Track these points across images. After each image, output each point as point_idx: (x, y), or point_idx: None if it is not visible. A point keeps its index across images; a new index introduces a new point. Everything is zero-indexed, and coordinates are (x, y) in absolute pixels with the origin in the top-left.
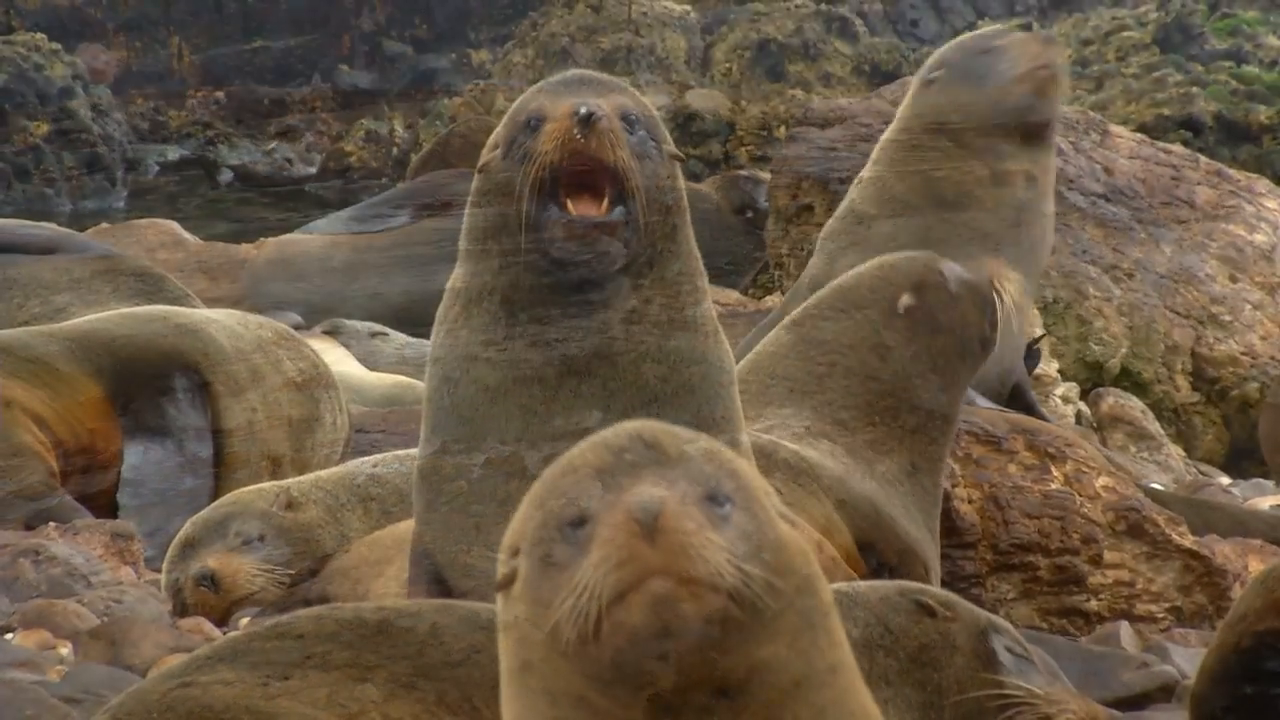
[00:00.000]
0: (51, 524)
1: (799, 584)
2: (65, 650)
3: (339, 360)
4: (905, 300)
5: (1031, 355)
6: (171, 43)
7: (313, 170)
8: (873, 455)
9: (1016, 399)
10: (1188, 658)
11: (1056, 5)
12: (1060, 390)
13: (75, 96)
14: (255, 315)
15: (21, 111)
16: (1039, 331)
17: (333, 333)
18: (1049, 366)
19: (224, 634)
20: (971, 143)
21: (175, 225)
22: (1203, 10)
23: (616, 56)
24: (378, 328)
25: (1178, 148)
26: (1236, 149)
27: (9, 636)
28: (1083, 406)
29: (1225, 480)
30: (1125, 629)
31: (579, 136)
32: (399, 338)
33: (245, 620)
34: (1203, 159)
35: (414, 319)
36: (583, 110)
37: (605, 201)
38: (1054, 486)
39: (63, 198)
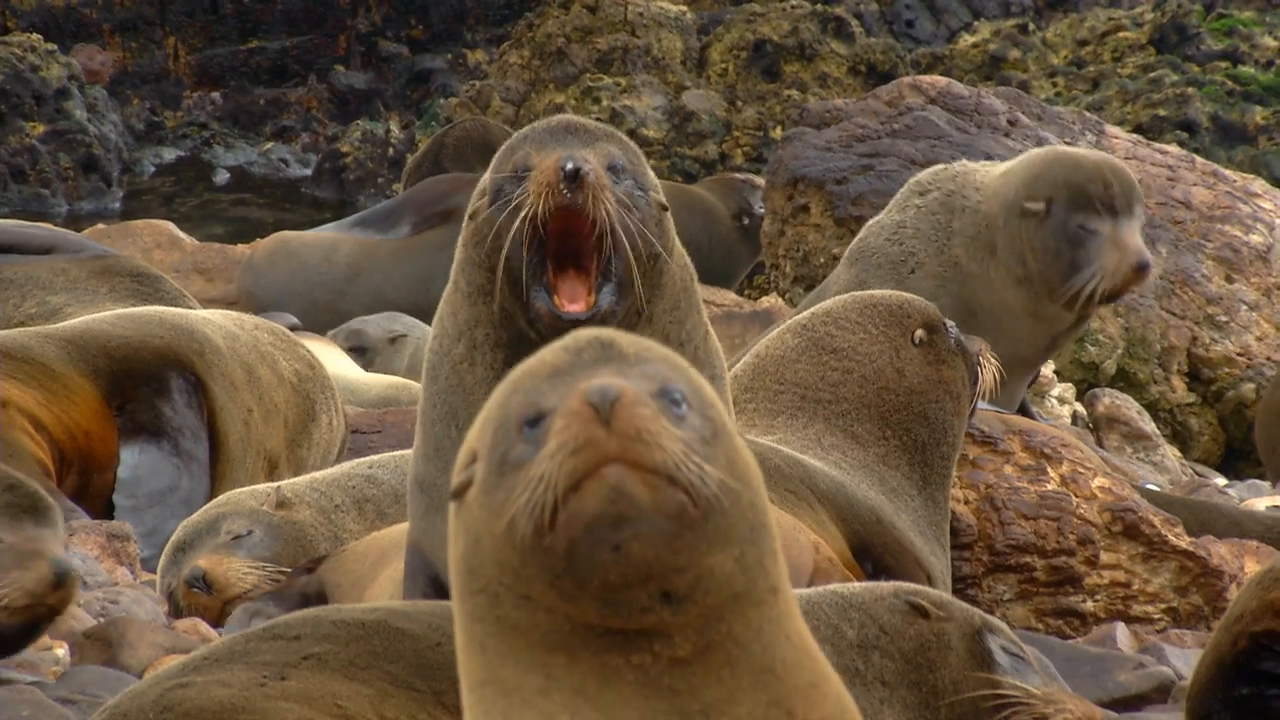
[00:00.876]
0: None
1: (750, 498)
2: (61, 651)
3: (334, 360)
4: (920, 334)
5: None
6: (167, 43)
7: (308, 171)
8: (884, 469)
9: None
10: (1184, 658)
11: (1052, 6)
12: (1056, 391)
13: (71, 97)
14: (251, 316)
15: (17, 112)
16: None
17: (359, 348)
18: (1045, 368)
19: (220, 634)
20: (1034, 284)
21: (171, 226)
22: (1198, 11)
23: (612, 57)
24: (398, 329)
25: (1174, 148)
26: (1232, 150)
27: None
28: (1079, 407)
29: (1221, 481)
30: (1121, 630)
31: (565, 192)
32: (417, 332)
33: (238, 609)
34: (1199, 160)
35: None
36: (569, 165)
37: (592, 286)
38: (1050, 487)
39: (59, 198)
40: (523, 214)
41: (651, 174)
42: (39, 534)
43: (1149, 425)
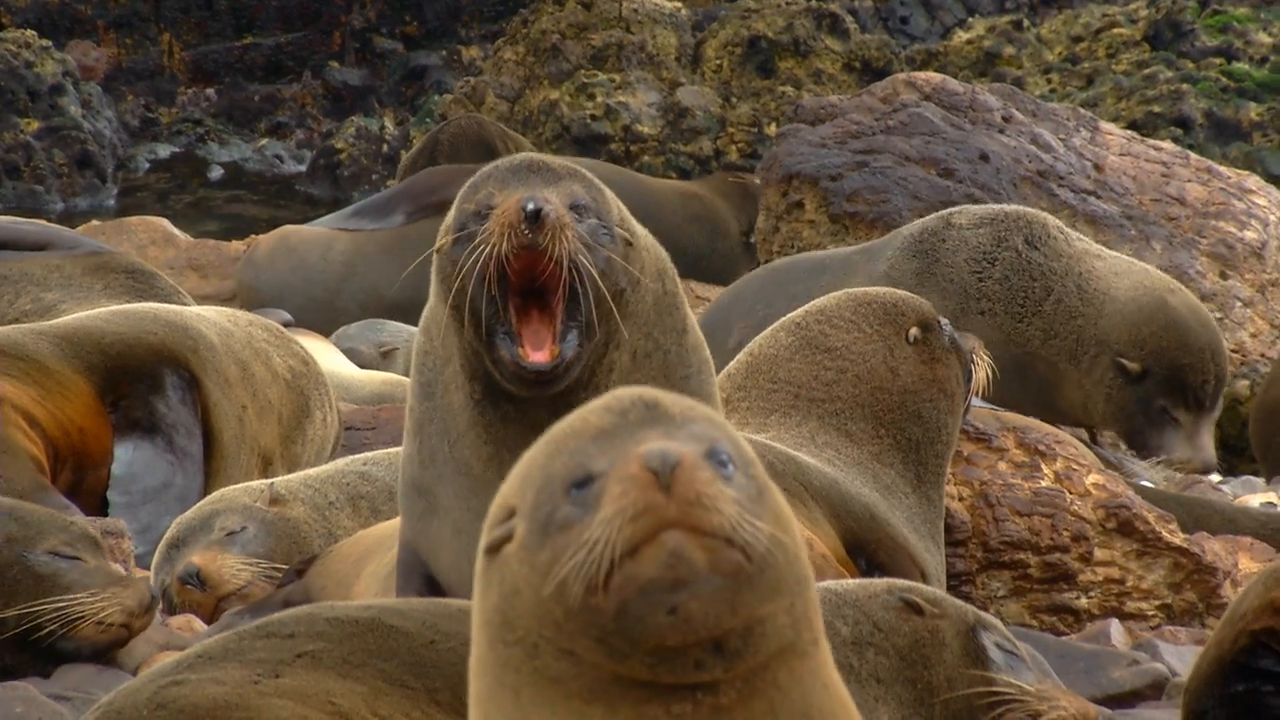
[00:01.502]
0: None
1: (796, 551)
2: None
3: (328, 357)
4: (915, 332)
5: None
6: (162, 40)
7: (303, 167)
8: (878, 467)
9: None
10: (1178, 655)
11: (1047, 2)
12: None
13: (65, 93)
14: (245, 312)
15: (11, 108)
16: None
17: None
18: None
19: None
20: (1097, 412)
21: (166, 222)
22: (1193, 7)
23: (607, 53)
24: (386, 341)
25: (1168, 144)
26: (1227, 146)
27: None
28: None
29: (1215, 477)
30: (1115, 626)
31: (526, 232)
32: (403, 336)
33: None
34: (1193, 156)
35: (411, 319)
36: (530, 206)
37: (556, 332)
38: (1044, 484)
39: (53, 195)
40: (484, 254)
41: (617, 209)
42: (108, 563)
43: None
